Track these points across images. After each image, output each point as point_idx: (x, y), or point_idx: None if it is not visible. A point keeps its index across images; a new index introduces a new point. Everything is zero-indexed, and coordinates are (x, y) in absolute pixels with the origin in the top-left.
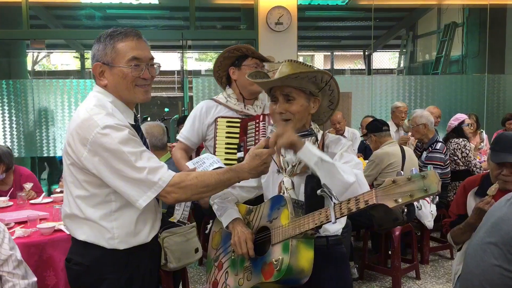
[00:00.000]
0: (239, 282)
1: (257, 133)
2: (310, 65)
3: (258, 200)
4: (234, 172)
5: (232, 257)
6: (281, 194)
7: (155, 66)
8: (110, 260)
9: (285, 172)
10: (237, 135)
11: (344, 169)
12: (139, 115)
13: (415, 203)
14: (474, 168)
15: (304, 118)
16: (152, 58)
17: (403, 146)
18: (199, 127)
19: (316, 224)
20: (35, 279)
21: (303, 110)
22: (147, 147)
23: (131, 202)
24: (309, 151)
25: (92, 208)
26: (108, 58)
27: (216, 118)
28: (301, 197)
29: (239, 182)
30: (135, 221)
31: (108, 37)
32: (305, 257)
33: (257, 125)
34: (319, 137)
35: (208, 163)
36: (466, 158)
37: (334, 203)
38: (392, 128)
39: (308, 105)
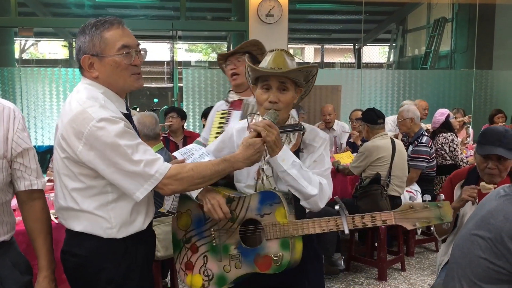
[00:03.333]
0: (224, 268)
1: (227, 120)
2: (298, 58)
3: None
4: (229, 162)
5: (214, 244)
6: (260, 181)
7: (142, 52)
8: (108, 250)
9: (264, 159)
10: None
11: (311, 180)
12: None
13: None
14: (461, 163)
15: (290, 108)
16: (139, 44)
17: (394, 139)
18: (210, 126)
19: (323, 230)
20: (44, 179)
21: (291, 101)
22: (138, 136)
23: (128, 195)
24: (278, 163)
25: (88, 199)
26: (97, 49)
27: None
28: (280, 185)
29: (233, 172)
30: (130, 210)
31: (94, 27)
32: (299, 250)
33: (229, 113)
34: None
35: (197, 154)
36: (454, 153)
37: (346, 215)
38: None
39: (295, 96)
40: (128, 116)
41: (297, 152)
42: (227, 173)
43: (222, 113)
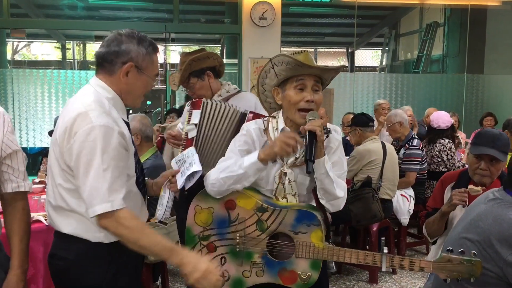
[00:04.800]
0: (244, 273)
1: (189, 119)
2: None
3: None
4: (171, 252)
5: (237, 249)
6: (281, 185)
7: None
8: (95, 255)
9: (287, 164)
10: None
11: (339, 184)
12: None
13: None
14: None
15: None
16: None
17: (385, 143)
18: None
19: (359, 262)
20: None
21: (320, 103)
22: (133, 144)
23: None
24: (323, 164)
25: (78, 200)
26: (143, 64)
27: None
28: (301, 189)
29: (166, 260)
30: None
31: (151, 46)
32: (324, 270)
33: (190, 113)
34: None
35: (187, 163)
36: (451, 160)
37: (386, 254)
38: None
39: None
40: (127, 124)
41: None
42: (162, 258)
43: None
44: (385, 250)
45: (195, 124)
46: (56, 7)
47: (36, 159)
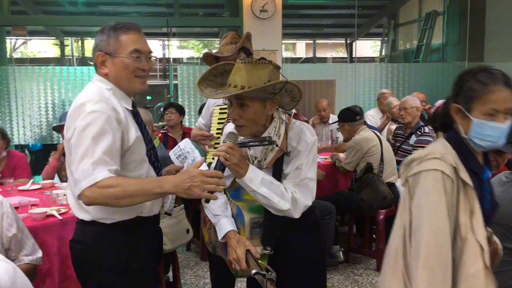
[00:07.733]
0: (216, 243)
1: (229, 117)
2: (268, 61)
3: None
4: (158, 181)
5: None
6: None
7: (152, 59)
8: (110, 237)
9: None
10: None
11: (283, 195)
12: None
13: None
14: None
15: (261, 121)
16: (151, 52)
17: (376, 132)
18: (207, 114)
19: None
20: (40, 254)
21: (258, 116)
22: (146, 132)
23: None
24: (246, 185)
25: None
26: (110, 48)
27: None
28: None
29: (161, 192)
30: None
31: (112, 29)
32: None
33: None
34: (282, 130)
35: (190, 159)
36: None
37: (267, 279)
38: (378, 114)
39: (263, 109)
40: (135, 114)
41: (282, 156)
42: (155, 194)
43: (221, 108)
44: (253, 271)
45: None
46: (55, 4)
47: (38, 156)
